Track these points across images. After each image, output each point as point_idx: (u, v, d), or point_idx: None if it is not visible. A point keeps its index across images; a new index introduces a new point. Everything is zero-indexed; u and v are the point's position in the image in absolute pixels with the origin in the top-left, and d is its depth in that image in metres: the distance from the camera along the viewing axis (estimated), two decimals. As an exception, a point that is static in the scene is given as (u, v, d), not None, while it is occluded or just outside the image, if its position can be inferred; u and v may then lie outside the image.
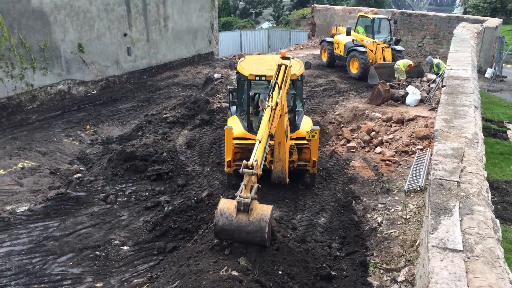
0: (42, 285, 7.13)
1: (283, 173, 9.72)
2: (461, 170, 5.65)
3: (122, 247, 8.25)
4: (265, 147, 7.37)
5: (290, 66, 8.81)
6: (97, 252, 8.05)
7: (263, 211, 6.43)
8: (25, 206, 9.76)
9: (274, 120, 7.79)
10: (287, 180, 9.87)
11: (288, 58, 8.99)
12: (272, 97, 7.96)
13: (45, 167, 11.66)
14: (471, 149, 6.29)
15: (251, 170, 6.58)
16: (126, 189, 10.31)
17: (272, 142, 9.41)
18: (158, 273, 7.30)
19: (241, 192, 6.56)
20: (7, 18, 14.58)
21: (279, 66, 8.61)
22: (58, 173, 11.47)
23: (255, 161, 6.78)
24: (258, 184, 6.69)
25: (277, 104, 7.88)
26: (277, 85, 8.16)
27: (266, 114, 7.73)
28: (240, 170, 6.73)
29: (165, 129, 13.76)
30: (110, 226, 8.89)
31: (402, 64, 16.81)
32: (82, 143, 13.61)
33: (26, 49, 15.35)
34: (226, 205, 6.56)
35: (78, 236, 8.52)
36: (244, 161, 6.73)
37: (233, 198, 6.75)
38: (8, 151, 12.37)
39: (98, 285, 7.21)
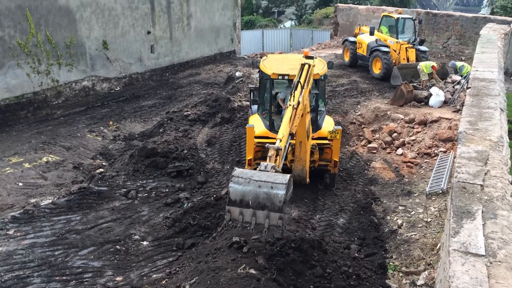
0: (64, 277, 7.28)
1: (303, 172, 9.69)
2: (485, 174, 5.55)
3: (142, 242, 8.36)
4: (285, 146, 7.36)
5: (314, 66, 8.76)
6: (117, 247, 8.17)
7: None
8: (49, 199, 9.97)
9: (295, 119, 7.76)
10: (307, 179, 9.84)
11: (311, 58, 8.95)
12: (294, 96, 7.94)
13: (68, 162, 11.90)
14: (496, 152, 6.17)
15: (275, 145, 6.60)
16: (147, 185, 10.44)
17: (293, 141, 9.40)
18: (177, 268, 7.37)
19: (267, 162, 6.54)
20: (35, 15, 14.91)
21: (303, 65, 8.58)
22: (81, 168, 11.69)
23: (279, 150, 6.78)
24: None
25: (299, 103, 7.85)
26: (299, 84, 8.13)
27: (288, 113, 7.71)
28: (266, 145, 6.77)
29: (186, 127, 13.87)
30: (131, 221, 9.01)
31: (424, 65, 16.56)
32: (105, 138, 13.83)
33: (52, 45, 15.67)
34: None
35: (100, 230, 8.66)
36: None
37: None
38: (33, 145, 12.65)
39: (118, 278, 7.32)
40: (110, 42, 18.00)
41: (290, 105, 7.76)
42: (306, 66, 8.55)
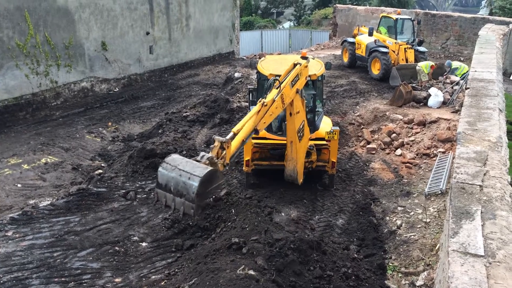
0: (63, 279, 7.26)
1: (294, 172, 9.73)
2: (484, 174, 5.55)
3: (141, 243, 8.35)
4: (243, 140, 7.44)
5: (306, 66, 8.77)
6: (116, 248, 8.15)
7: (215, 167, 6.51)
8: (48, 200, 9.95)
9: (265, 116, 7.82)
10: (300, 180, 9.84)
11: (306, 58, 8.97)
12: (269, 94, 8.07)
13: (67, 163, 11.88)
14: (495, 152, 6.17)
15: (221, 138, 6.91)
16: (146, 186, 10.42)
17: (285, 141, 9.49)
18: (176, 270, 7.35)
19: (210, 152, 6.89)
20: (34, 16, 14.90)
21: (294, 64, 8.65)
22: (80, 169, 11.67)
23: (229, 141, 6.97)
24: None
25: (273, 101, 7.93)
26: (278, 83, 8.24)
27: (255, 108, 7.83)
28: (213, 137, 7.07)
29: (185, 128, 13.86)
30: (130, 222, 9.00)
31: (424, 65, 16.59)
32: (103, 140, 13.82)
33: (51, 46, 15.66)
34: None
35: (98, 231, 8.65)
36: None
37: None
38: (32, 146, 12.63)
39: (117, 280, 7.31)
40: (109, 43, 17.98)
41: (260, 101, 7.86)
42: (298, 66, 8.60)
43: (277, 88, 8.11)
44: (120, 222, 9.01)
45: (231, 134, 7.34)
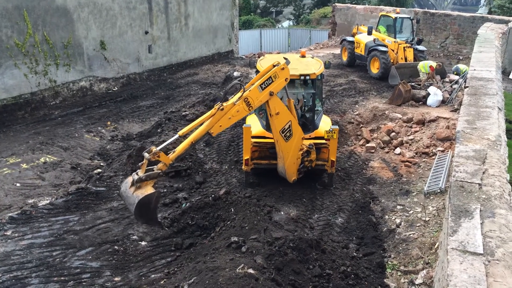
0: (62, 278, 7.26)
1: (284, 169, 9.76)
2: (483, 173, 5.55)
3: (140, 242, 8.35)
4: (192, 142, 7.81)
5: (282, 68, 8.66)
6: (115, 247, 8.15)
7: (143, 192, 7.34)
8: (47, 200, 9.95)
9: (222, 120, 8.09)
10: (290, 179, 9.88)
11: (286, 59, 8.85)
12: (232, 97, 8.17)
13: (66, 162, 11.87)
14: (494, 151, 6.18)
15: (147, 154, 7.38)
16: (145, 185, 10.39)
17: (272, 140, 9.54)
18: (175, 269, 7.36)
19: (139, 170, 7.45)
20: (32, 15, 14.88)
21: (273, 66, 8.61)
22: (79, 168, 11.66)
23: (161, 151, 7.47)
24: (160, 171, 7.55)
25: (233, 105, 8.02)
26: (242, 88, 8.35)
27: (210, 112, 8.11)
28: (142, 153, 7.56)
29: (184, 127, 13.82)
30: (129, 221, 8.99)
31: (422, 65, 16.60)
32: (102, 139, 13.80)
33: (50, 46, 15.64)
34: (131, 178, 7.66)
35: (98, 230, 8.65)
36: (153, 147, 7.53)
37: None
38: (31, 145, 12.62)
39: (116, 279, 7.31)
40: (108, 42, 17.96)
41: (217, 104, 8.00)
42: (273, 68, 8.55)
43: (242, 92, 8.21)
44: (119, 221, 9.01)
45: (175, 137, 7.91)
